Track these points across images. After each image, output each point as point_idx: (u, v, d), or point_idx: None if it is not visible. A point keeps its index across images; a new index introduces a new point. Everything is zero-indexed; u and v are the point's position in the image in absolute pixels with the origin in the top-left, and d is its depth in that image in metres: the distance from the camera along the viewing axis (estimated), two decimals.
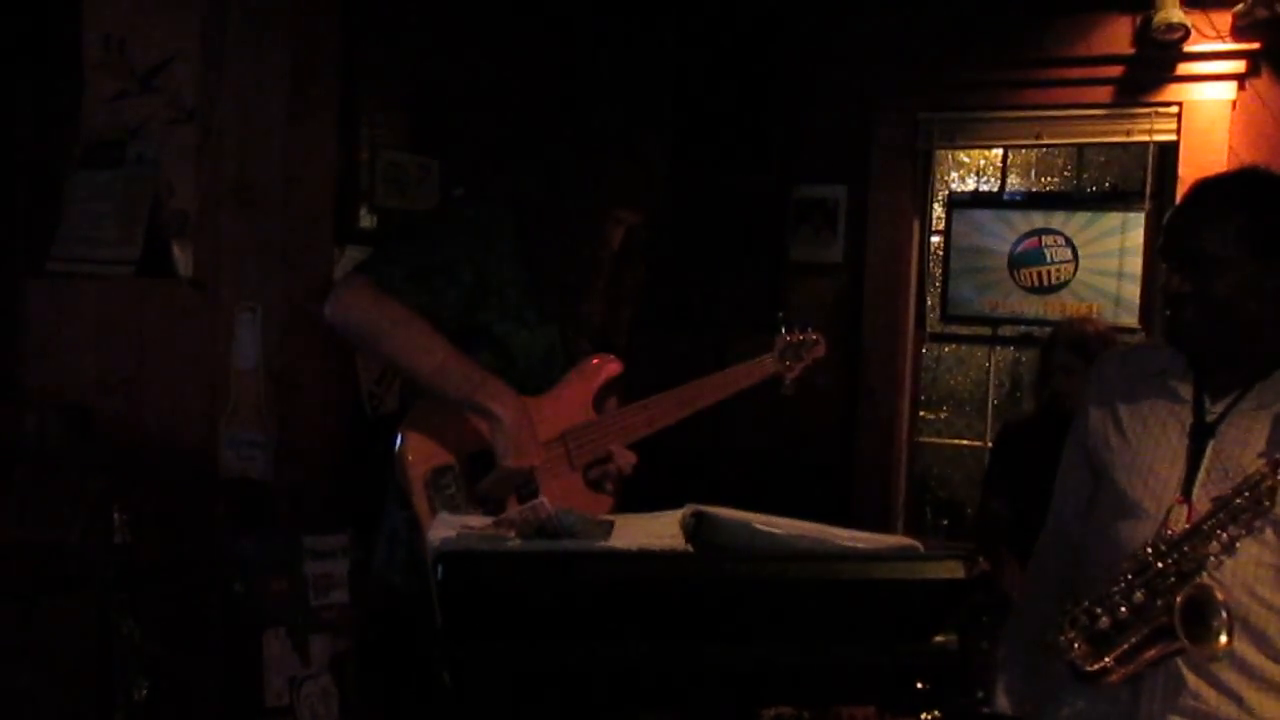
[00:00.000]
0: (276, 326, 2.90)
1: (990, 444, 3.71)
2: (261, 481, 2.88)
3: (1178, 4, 3.47)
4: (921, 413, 4.24)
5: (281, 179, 2.91)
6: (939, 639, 1.25)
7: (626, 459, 2.08)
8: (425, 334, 1.89)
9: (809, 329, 2.39)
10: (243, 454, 2.91)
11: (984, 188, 4.33)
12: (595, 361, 2.12)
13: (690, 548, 1.27)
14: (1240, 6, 3.44)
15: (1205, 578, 1.53)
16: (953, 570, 1.24)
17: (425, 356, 1.88)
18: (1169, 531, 1.59)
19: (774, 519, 1.28)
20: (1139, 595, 1.54)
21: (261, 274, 2.91)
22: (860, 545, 1.25)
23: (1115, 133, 3.75)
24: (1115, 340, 3.23)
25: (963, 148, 4.21)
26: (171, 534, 2.75)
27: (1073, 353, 3.08)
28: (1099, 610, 1.57)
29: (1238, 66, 3.51)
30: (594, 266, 2.05)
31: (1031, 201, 4.00)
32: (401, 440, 1.91)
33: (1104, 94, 3.69)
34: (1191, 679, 1.59)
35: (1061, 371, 3.09)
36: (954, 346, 4.36)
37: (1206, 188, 1.72)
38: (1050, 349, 3.16)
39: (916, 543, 1.30)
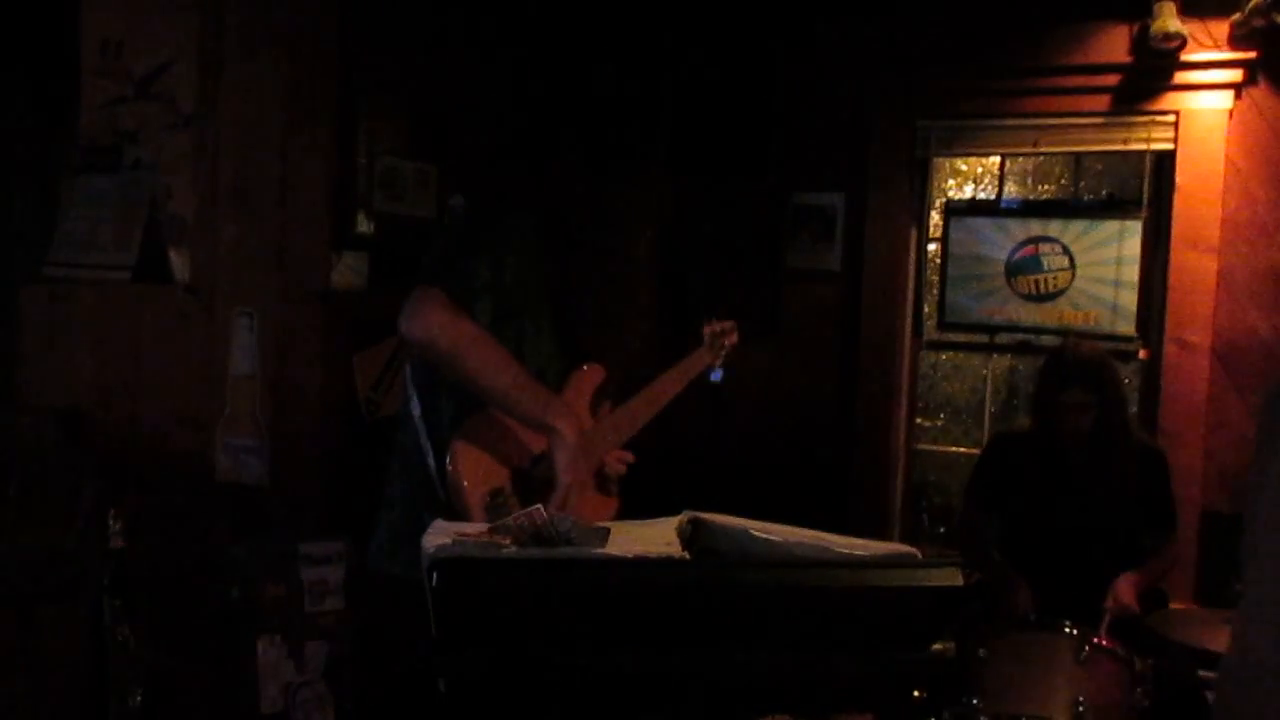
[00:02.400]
0: (273, 332, 2.90)
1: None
2: (257, 487, 2.88)
3: (1175, 13, 3.47)
4: (919, 420, 4.23)
5: (278, 184, 2.91)
6: (937, 647, 1.24)
7: (620, 457, 2.15)
8: (498, 353, 1.91)
9: (724, 317, 2.45)
10: (239, 459, 2.90)
11: (981, 195, 4.33)
12: (585, 370, 2.17)
13: (687, 555, 1.27)
14: (1237, 16, 3.44)
15: None
16: (951, 577, 1.24)
17: (500, 376, 1.91)
18: None
19: (771, 526, 1.28)
20: None
21: (258, 279, 2.91)
22: (858, 552, 1.25)
23: (1112, 141, 3.74)
24: (1110, 359, 3.20)
25: (960, 155, 4.20)
26: (167, 539, 2.74)
27: (1086, 388, 2.99)
28: None
29: (1235, 75, 3.51)
30: (629, 283, 2.10)
31: (1028, 209, 4.00)
32: (453, 463, 1.90)
33: (1101, 102, 3.69)
34: None
35: (1078, 409, 3.00)
36: (951, 354, 4.35)
37: None
38: (1059, 385, 3.01)
39: (914, 550, 1.29)
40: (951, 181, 4.39)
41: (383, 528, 2.11)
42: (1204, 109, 3.56)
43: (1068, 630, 2.51)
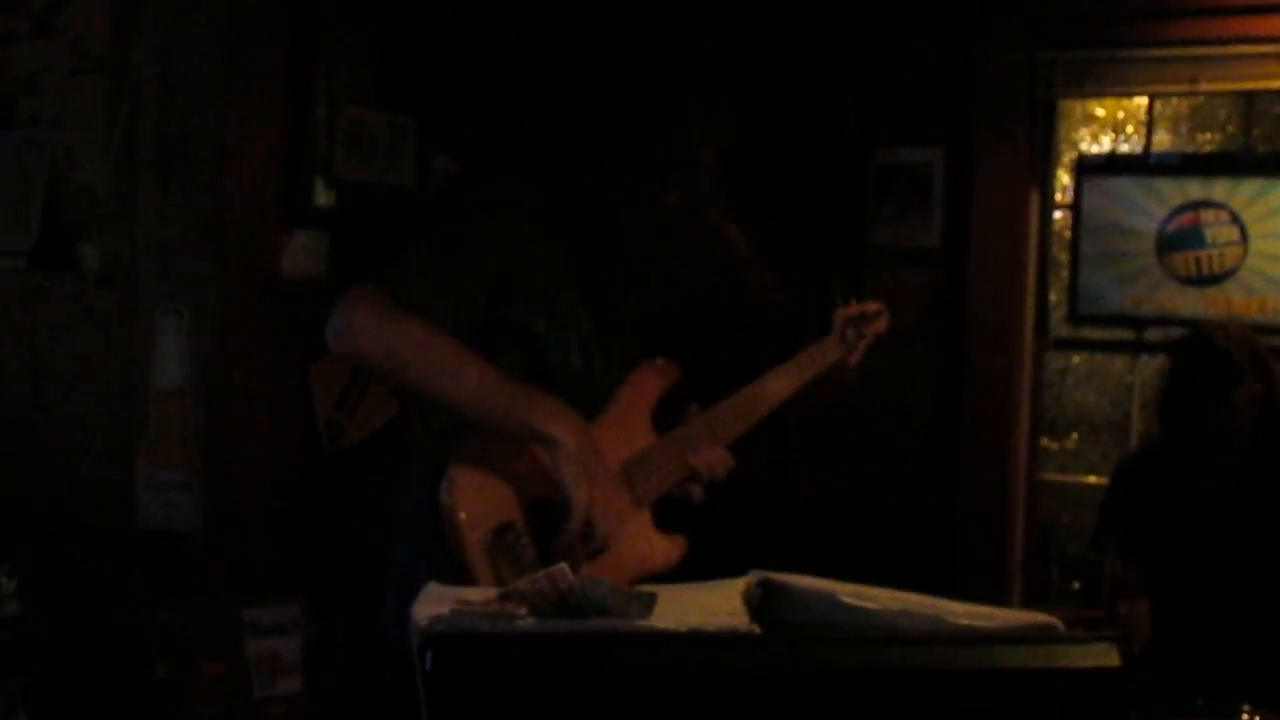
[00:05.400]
0: (208, 335, 2.92)
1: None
2: (189, 535, 2.90)
3: None
4: (1044, 442, 4.22)
5: (214, 144, 2.93)
6: None
7: (720, 459, 2.18)
8: (455, 355, 1.94)
9: (867, 297, 2.52)
10: (165, 499, 2.92)
11: (1124, 148, 4.30)
12: (649, 370, 2.19)
13: (757, 628, 1.26)
14: None
15: None
16: (1105, 656, 1.22)
17: (459, 382, 1.94)
18: None
19: (866, 590, 1.27)
20: None
21: (189, 267, 2.93)
22: (982, 624, 1.23)
23: None
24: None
25: (1095, 96, 4.19)
26: (75, 603, 2.75)
27: (1257, 378, 3.01)
28: None
29: None
30: (693, 224, 2.15)
31: (1186, 166, 3.97)
32: (450, 493, 1.94)
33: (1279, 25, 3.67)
34: None
35: (1249, 406, 3.01)
36: (1086, 355, 4.33)
37: None
38: (1230, 381, 3.02)
39: (1055, 620, 1.28)
40: (1084, 131, 4.37)
41: (393, 586, 2.11)
42: None
43: (1248, 717, 2.50)
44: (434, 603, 1.29)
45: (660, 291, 2.19)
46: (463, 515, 1.93)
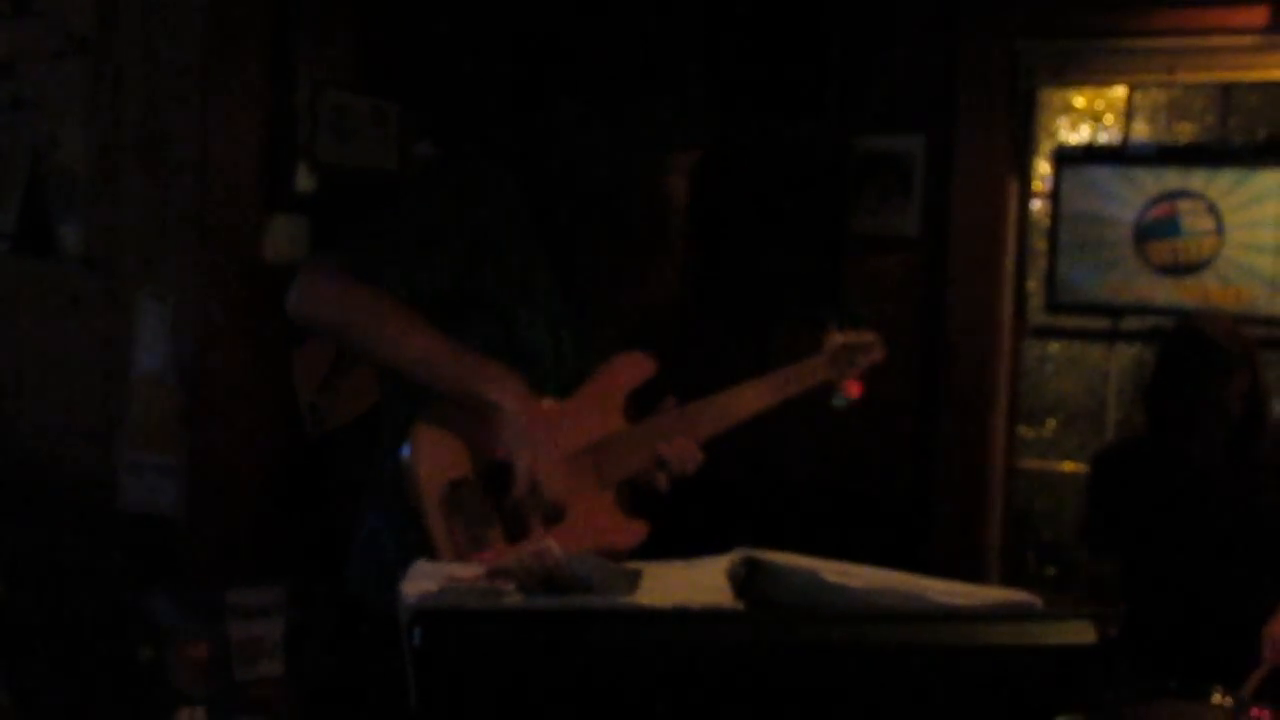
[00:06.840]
0: (191, 319, 2.92)
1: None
2: (172, 518, 2.90)
3: None
4: (1021, 429, 4.24)
5: (197, 128, 2.92)
6: None
7: (690, 453, 2.20)
8: (402, 319, 2.00)
9: (862, 327, 2.51)
10: (148, 482, 2.92)
11: (1102, 138, 4.32)
12: (626, 360, 2.22)
13: (741, 605, 1.27)
14: None
15: None
16: (1081, 633, 1.24)
17: (405, 344, 2.00)
18: None
19: (848, 568, 1.28)
20: None
21: (171, 251, 2.93)
22: (962, 602, 1.25)
23: (1272, 65, 3.73)
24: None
25: (1075, 86, 4.20)
26: (58, 585, 2.75)
27: (1247, 372, 3.05)
28: None
29: None
30: (657, 236, 2.18)
31: (1163, 156, 3.98)
32: (412, 447, 2.00)
33: (1258, 16, 3.68)
34: None
35: (1238, 400, 3.05)
36: (1063, 343, 4.35)
37: None
38: (1224, 372, 3.05)
39: (1033, 598, 1.29)
40: (1063, 120, 4.38)
41: (357, 544, 2.17)
42: None
43: (1219, 700, 2.52)
44: (422, 579, 1.29)
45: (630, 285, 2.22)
46: (421, 469, 1.99)
